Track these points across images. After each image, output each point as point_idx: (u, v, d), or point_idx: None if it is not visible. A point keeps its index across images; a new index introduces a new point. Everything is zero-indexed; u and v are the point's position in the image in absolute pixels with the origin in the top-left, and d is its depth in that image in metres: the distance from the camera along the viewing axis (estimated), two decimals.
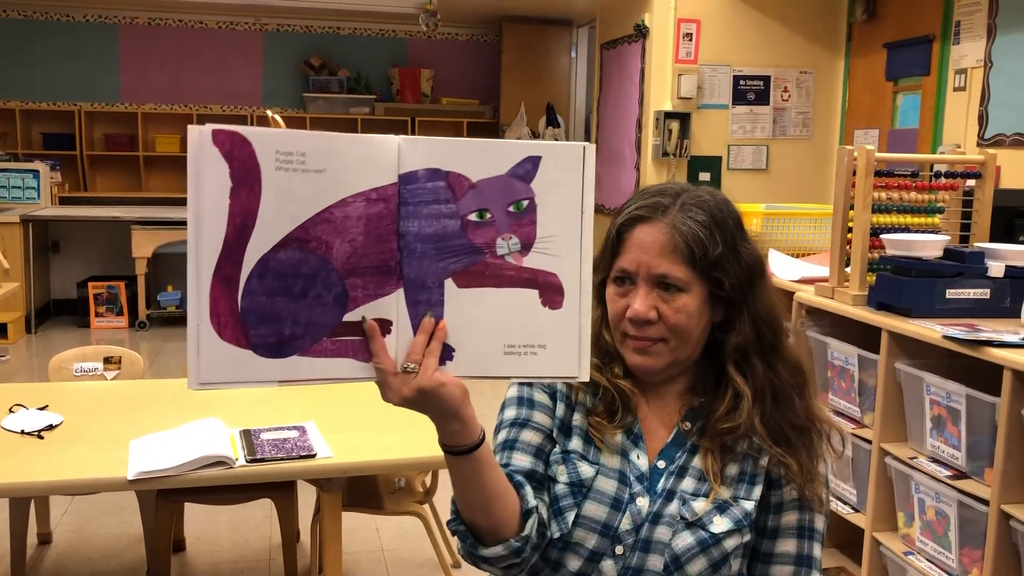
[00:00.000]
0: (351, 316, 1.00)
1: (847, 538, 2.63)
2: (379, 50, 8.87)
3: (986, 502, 1.94)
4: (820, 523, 1.24)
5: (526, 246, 1.03)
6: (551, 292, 1.04)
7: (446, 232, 1.01)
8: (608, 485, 1.21)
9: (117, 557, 3.10)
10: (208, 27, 8.51)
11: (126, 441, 2.19)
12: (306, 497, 2.96)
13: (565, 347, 1.04)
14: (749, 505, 1.20)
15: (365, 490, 2.74)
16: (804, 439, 1.21)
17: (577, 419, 1.26)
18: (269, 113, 4.03)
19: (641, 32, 6.55)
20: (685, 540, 1.18)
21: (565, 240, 1.03)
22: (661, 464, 1.23)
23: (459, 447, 1.07)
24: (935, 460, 2.13)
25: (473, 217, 1.01)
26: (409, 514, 2.72)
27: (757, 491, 1.21)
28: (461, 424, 1.05)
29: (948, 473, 2.07)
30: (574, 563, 1.21)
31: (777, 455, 1.20)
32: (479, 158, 1.02)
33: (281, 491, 2.66)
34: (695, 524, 1.18)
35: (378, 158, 0.99)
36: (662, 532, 1.19)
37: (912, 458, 2.18)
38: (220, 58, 8.54)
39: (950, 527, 2.07)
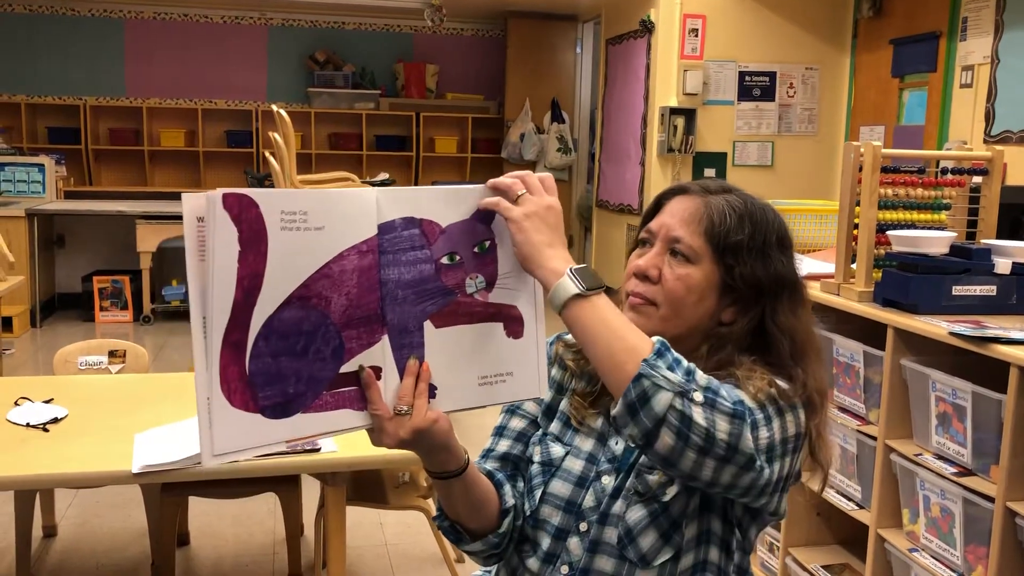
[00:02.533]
0: (347, 367, 1.04)
1: (852, 535, 2.62)
2: (384, 45, 8.87)
3: (991, 499, 1.93)
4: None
5: (490, 283, 1.10)
6: (514, 323, 1.12)
7: (423, 276, 1.06)
8: (576, 465, 1.25)
9: (121, 550, 3.11)
10: (213, 21, 8.51)
11: (130, 434, 2.20)
12: (310, 491, 2.97)
13: (529, 371, 1.13)
14: None
15: (369, 484, 2.74)
16: None
17: (564, 404, 1.30)
18: (274, 108, 4.03)
19: (647, 27, 6.54)
20: (637, 512, 1.18)
21: (520, 274, 1.11)
22: None
23: (446, 473, 1.16)
24: (940, 457, 2.12)
25: (445, 260, 1.08)
26: (413, 508, 2.73)
27: None
28: (448, 454, 1.14)
29: (953, 470, 2.06)
30: (545, 540, 1.24)
31: None
32: (447, 204, 1.08)
33: (285, 485, 2.66)
34: (648, 496, 1.18)
35: (363, 211, 1.03)
36: (619, 505, 1.20)
37: (917, 455, 2.18)
38: (225, 53, 8.55)
39: (955, 524, 2.06)
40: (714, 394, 1.02)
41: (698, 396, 1.00)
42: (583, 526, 1.21)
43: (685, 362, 1.03)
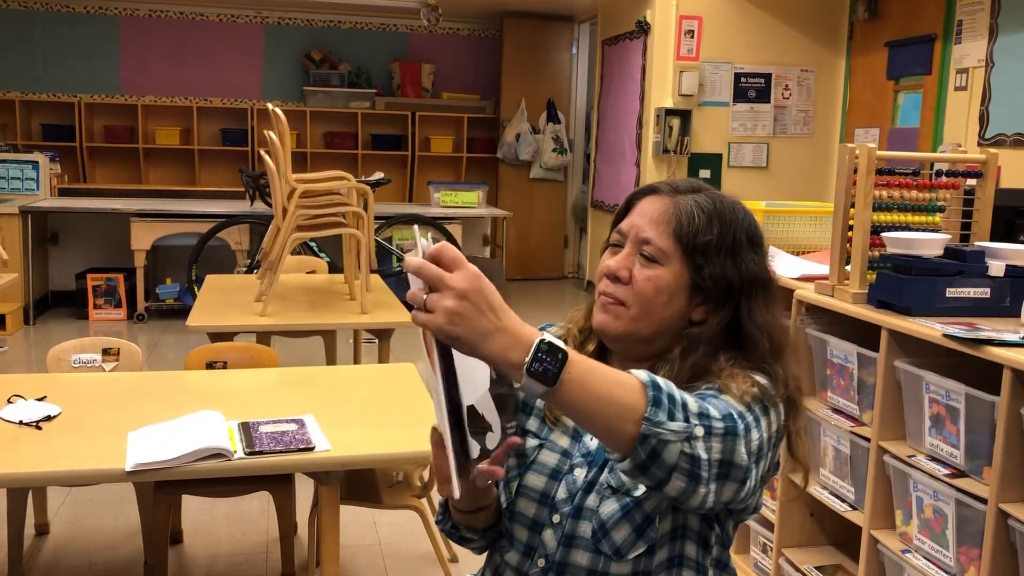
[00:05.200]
0: None
1: (844, 536, 2.63)
2: (380, 44, 8.86)
3: (984, 501, 1.94)
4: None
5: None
6: None
7: None
8: (550, 458, 1.27)
9: (114, 549, 3.10)
10: (209, 20, 8.50)
11: (124, 433, 2.19)
12: (304, 490, 2.96)
13: None
14: None
15: (363, 484, 2.74)
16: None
17: (539, 401, 1.31)
18: (270, 106, 4.02)
19: (643, 28, 6.55)
20: (610, 507, 1.19)
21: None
22: None
23: (481, 508, 1.25)
24: (933, 458, 2.13)
25: None
26: (407, 508, 2.72)
27: None
28: (486, 497, 1.23)
29: (946, 471, 2.07)
30: (521, 533, 1.26)
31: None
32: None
33: (279, 484, 2.66)
34: (620, 491, 1.19)
35: None
36: (592, 499, 1.21)
37: (910, 456, 2.18)
38: (221, 51, 8.53)
39: (948, 525, 2.07)
40: (708, 419, 1.00)
41: (698, 431, 0.99)
42: (556, 518, 1.23)
43: (677, 395, 0.99)
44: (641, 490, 1.18)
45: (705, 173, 6.52)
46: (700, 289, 1.20)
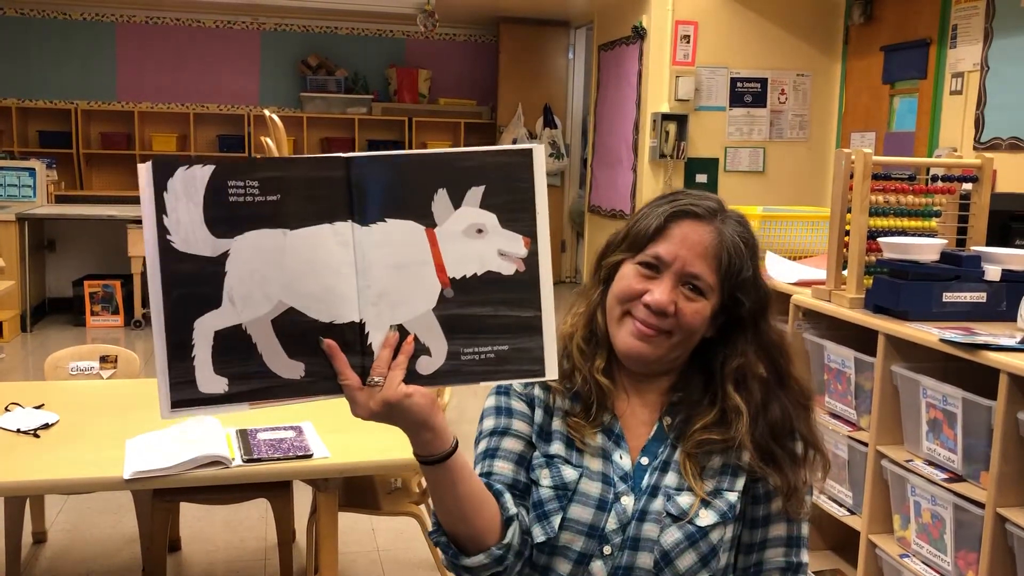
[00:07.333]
0: None
1: (843, 540, 2.63)
2: (377, 50, 8.87)
3: (982, 505, 1.94)
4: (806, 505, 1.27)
5: None
6: None
7: None
8: (592, 487, 1.22)
9: (112, 557, 3.09)
10: (205, 26, 8.50)
11: (122, 440, 2.19)
12: (302, 497, 2.96)
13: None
14: (733, 497, 1.21)
15: (361, 490, 2.74)
16: (790, 459, 1.22)
17: (557, 424, 1.26)
18: (267, 113, 4.02)
19: (639, 33, 6.56)
20: (673, 535, 1.18)
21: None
22: (644, 461, 1.23)
23: (432, 456, 1.08)
24: (931, 463, 2.13)
25: None
26: (405, 515, 2.72)
27: (740, 483, 1.22)
28: (432, 434, 1.06)
29: (944, 476, 2.07)
30: (563, 567, 1.21)
31: (761, 471, 1.21)
32: None
33: (277, 491, 2.65)
34: (682, 519, 1.19)
35: None
36: (649, 529, 1.19)
37: (908, 461, 2.18)
38: (217, 57, 8.53)
39: (946, 530, 2.07)
40: None
41: None
42: (607, 549, 1.20)
43: None
44: (704, 519, 1.19)
45: (702, 178, 6.52)
46: (723, 310, 1.22)
